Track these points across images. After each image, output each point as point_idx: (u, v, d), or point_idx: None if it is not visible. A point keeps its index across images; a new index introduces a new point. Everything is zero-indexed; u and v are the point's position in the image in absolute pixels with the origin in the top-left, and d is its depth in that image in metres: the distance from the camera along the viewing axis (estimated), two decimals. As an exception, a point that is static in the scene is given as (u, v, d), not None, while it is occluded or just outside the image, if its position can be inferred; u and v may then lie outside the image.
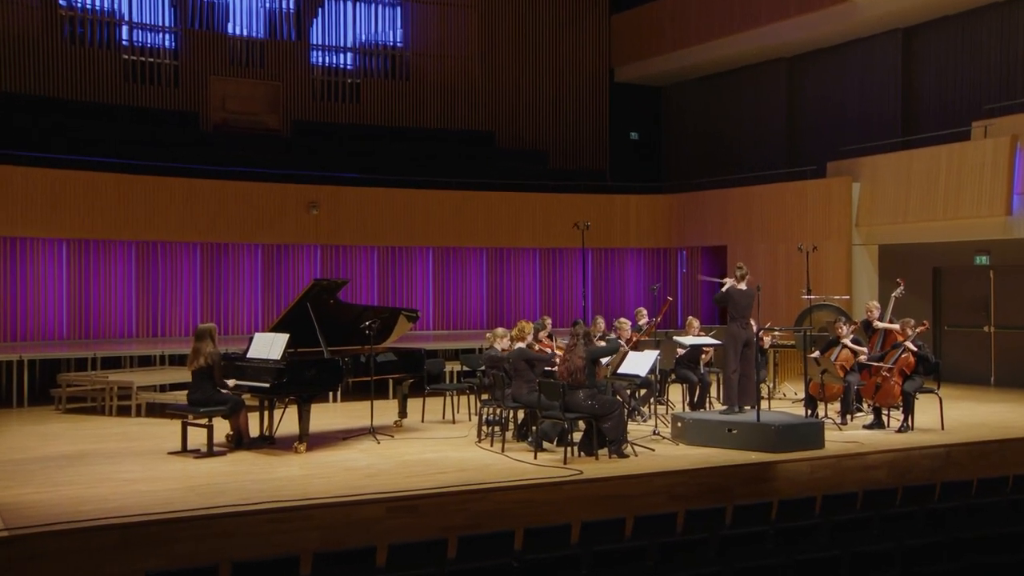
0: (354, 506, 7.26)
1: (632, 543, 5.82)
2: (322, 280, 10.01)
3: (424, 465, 8.78)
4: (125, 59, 19.44)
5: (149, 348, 14.92)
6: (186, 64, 19.95)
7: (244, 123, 20.47)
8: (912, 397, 10.52)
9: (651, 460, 8.98)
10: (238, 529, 6.80)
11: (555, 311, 19.93)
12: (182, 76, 19.91)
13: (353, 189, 18.52)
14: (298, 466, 8.72)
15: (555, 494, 7.91)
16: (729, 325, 10.28)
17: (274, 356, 9.34)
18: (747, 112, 21.26)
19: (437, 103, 22.17)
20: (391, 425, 11.01)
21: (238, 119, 20.42)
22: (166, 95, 19.76)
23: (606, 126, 23.32)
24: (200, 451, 9.14)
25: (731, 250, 18.83)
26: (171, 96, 19.80)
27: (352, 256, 18.92)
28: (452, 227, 19.15)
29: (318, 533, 6.97)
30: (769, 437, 9.27)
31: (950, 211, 15.17)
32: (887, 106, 18.31)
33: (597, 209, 19.84)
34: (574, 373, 9.00)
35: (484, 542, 5.80)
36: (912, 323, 10.80)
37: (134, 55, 19.55)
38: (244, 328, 17.61)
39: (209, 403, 9.18)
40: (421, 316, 16.36)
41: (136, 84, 19.46)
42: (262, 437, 9.81)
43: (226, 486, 7.80)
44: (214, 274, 17.68)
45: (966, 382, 14.96)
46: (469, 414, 11.84)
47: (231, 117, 20.38)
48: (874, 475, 9.22)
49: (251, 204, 17.54)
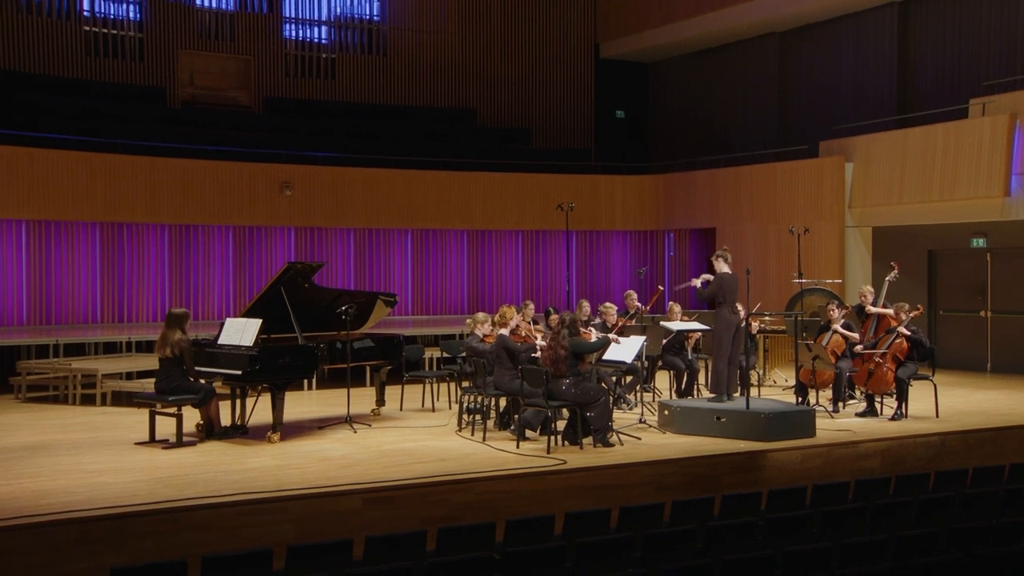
0: (330, 498, 7.25)
1: (617, 535, 5.84)
2: (296, 263, 9.97)
3: (403, 455, 8.78)
4: (86, 31, 19.22)
5: (114, 334, 14.82)
6: (152, 37, 19.75)
7: (213, 100, 20.31)
8: (906, 384, 10.59)
9: (637, 449, 9.01)
10: (208, 522, 6.78)
11: (538, 295, 19.93)
12: (147, 49, 19.71)
13: (328, 169, 18.43)
14: (271, 456, 8.70)
15: (538, 484, 7.93)
16: (720, 311, 10.20)
17: (246, 342, 9.31)
18: (737, 89, 21.27)
19: (415, 79, 22.06)
20: (368, 414, 11.00)
21: (207, 95, 20.26)
22: (130, 70, 19.57)
23: (591, 104, 23.28)
24: (169, 441, 9.11)
25: (720, 232, 18.87)
26: (136, 71, 19.61)
27: (327, 238, 18.84)
28: (431, 208, 19.10)
29: (292, 526, 6.97)
30: (759, 425, 9.31)
31: (946, 192, 15.25)
32: (882, 83, 18.36)
33: (582, 190, 19.83)
34: (557, 362, 9.00)
35: (465, 534, 5.81)
36: (906, 307, 10.86)
37: (96, 26, 19.32)
38: (215, 314, 17.53)
39: (178, 391, 9.14)
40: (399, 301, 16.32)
41: (99, 58, 19.26)
42: (234, 427, 9.78)
43: (196, 478, 7.77)
44: (183, 257, 17.58)
45: (962, 368, 15.08)
46: (449, 402, 11.84)
47: (200, 93, 20.21)
48: (866, 464, 9.29)
49: (221, 184, 17.42)
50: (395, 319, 18.04)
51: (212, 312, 17.66)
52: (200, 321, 16.77)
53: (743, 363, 11.06)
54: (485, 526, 5.85)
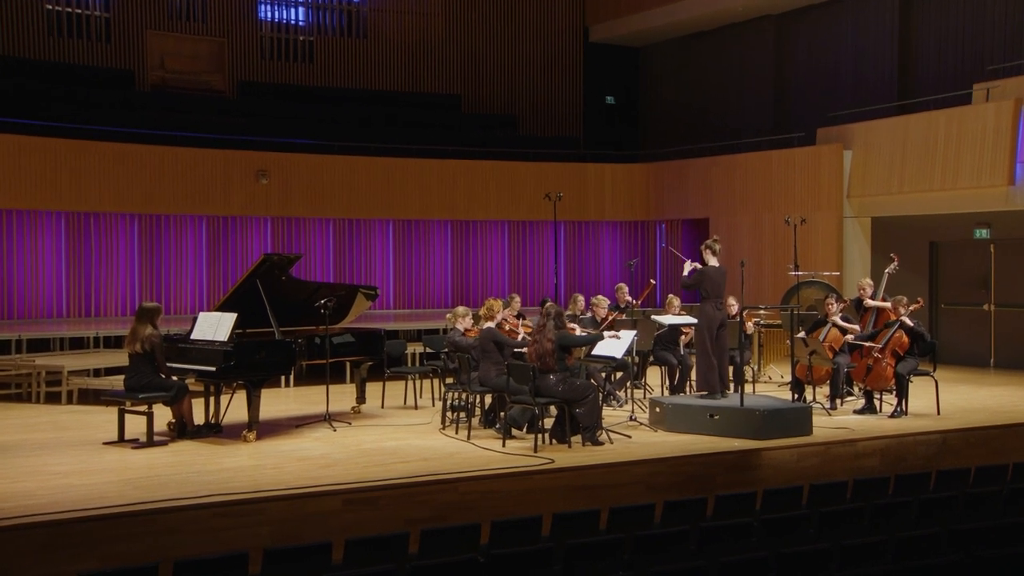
0: (308, 499, 7.24)
1: (607, 536, 5.85)
2: (273, 255, 9.95)
3: (384, 454, 8.77)
4: (49, 9, 19.08)
5: (81, 329, 14.76)
6: (119, 17, 19.63)
7: (185, 83, 20.21)
8: (906, 380, 10.64)
9: (628, 448, 9.02)
10: (181, 525, 6.76)
11: (525, 288, 19.95)
12: (114, 30, 19.60)
13: (306, 156, 18.39)
14: (247, 456, 8.69)
15: (525, 484, 7.94)
16: (703, 305, 10.25)
17: (220, 337, 9.29)
18: (732, 74, 21.30)
19: (397, 64, 22.02)
20: (348, 411, 10.99)
21: (178, 79, 20.16)
22: (97, 51, 19.44)
23: (580, 89, 23.28)
24: (139, 441, 9.08)
25: (713, 223, 18.91)
26: (103, 52, 19.49)
27: (305, 229, 18.80)
28: (414, 198, 19.07)
29: (269, 528, 6.96)
30: (753, 423, 9.34)
31: (948, 181, 15.31)
32: (882, 68, 18.42)
33: (570, 179, 19.84)
34: (543, 357, 9.00)
35: (449, 536, 5.81)
36: (906, 301, 10.90)
37: (59, 5, 19.18)
38: (187, 308, 17.48)
39: (149, 388, 9.11)
40: (381, 294, 16.36)
41: (63, 38, 19.13)
42: (207, 425, 9.75)
43: (168, 478, 7.75)
44: (153, 249, 17.51)
45: (964, 364, 15.14)
46: (432, 399, 11.84)
47: (170, 77, 20.11)
48: (865, 463, 9.33)
49: (194, 173, 17.35)
50: (376, 313, 18.03)
51: (184, 306, 17.61)
52: (172, 315, 16.73)
53: (736, 359, 11.11)
54: (470, 527, 5.85)
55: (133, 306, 15.77)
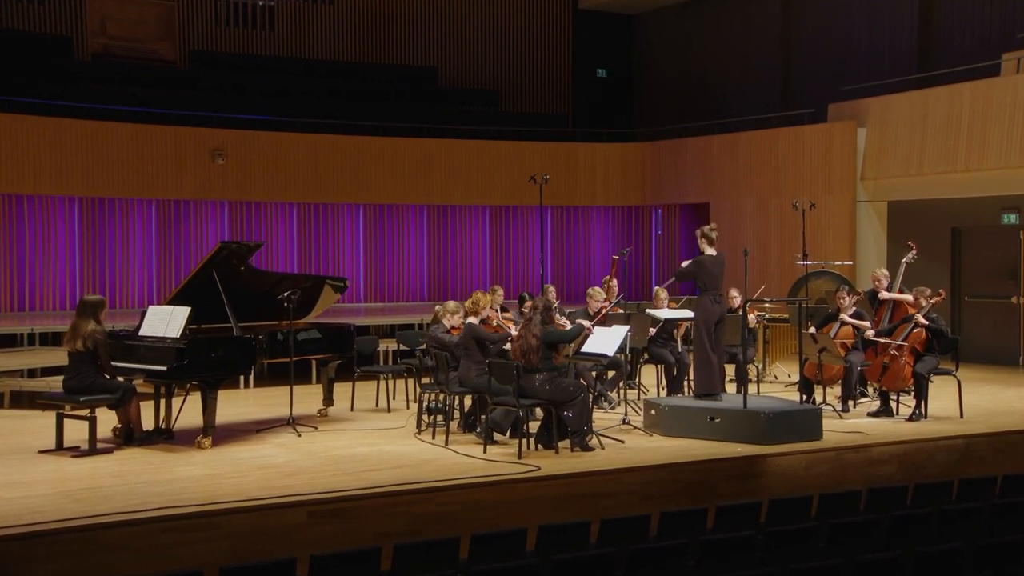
0: (270, 511, 7.24)
1: (598, 550, 5.86)
2: (231, 243, 9.93)
3: (354, 461, 8.78)
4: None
5: (14, 325, 14.70)
6: (57, -22, 19.49)
7: (130, 52, 20.07)
8: (925, 379, 10.68)
9: (620, 454, 9.04)
10: (128, 542, 6.73)
11: (508, 280, 19.97)
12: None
13: (266, 134, 18.34)
14: (202, 465, 8.66)
15: (508, 494, 7.96)
16: (701, 298, 10.26)
17: (172, 334, 9.26)
18: (734, 45, 21.32)
19: (367, 33, 21.96)
20: (314, 415, 10.98)
21: (122, 47, 20.01)
22: (29, 14, 19.24)
23: (568, 62, 23.28)
24: (80, 449, 9.02)
25: (714, 207, 18.96)
26: (36, 16, 19.30)
27: (266, 214, 18.76)
28: (386, 180, 19.05)
29: (226, 543, 6.94)
30: (758, 426, 9.37)
31: (973, 161, 15.37)
32: (900, 36, 18.44)
33: (557, 160, 19.84)
34: (527, 354, 9.01)
35: (424, 551, 5.82)
36: (927, 293, 10.93)
37: (-15, -37, 19.03)
38: (135, 301, 17.45)
39: (92, 390, 9.06)
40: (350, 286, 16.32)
41: (-9, 1, 18.98)
42: (157, 431, 9.72)
43: (112, 490, 7.71)
44: (96, 236, 17.43)
45: (989, 362, 15.18)
46: (407, 401, 11.84)
47: (113, 44, 19.96)
48: (881, 471, 9.38)
49: (141, 152, 17.27)
50: (345, 307, 18.00)
51: (131, 299, 17.57)
52: (117, 309, 16.67)
53: (739, 357, 11.14)
54: (448, 542, 5.85)
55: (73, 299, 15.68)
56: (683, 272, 10.38)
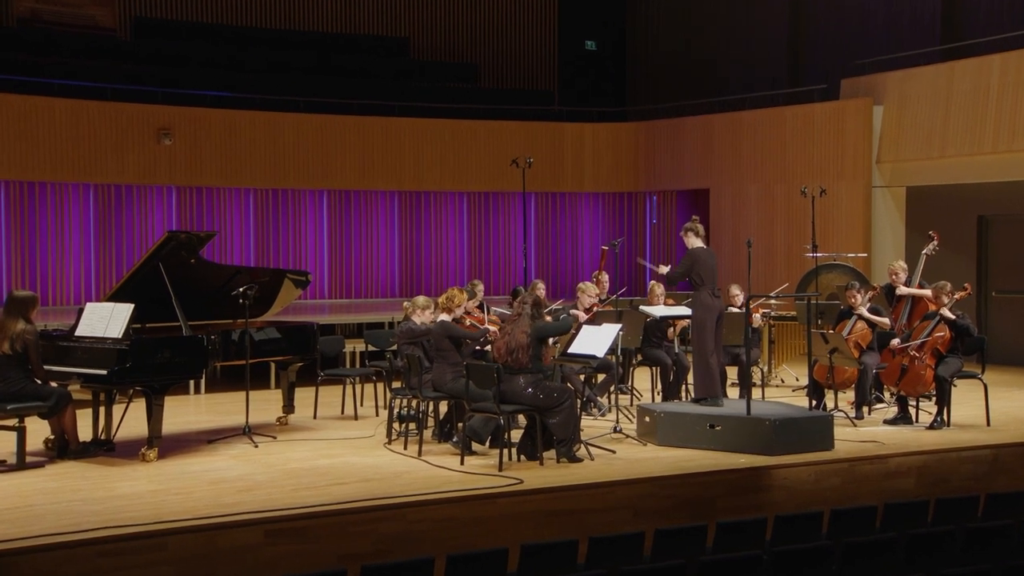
0: (222, 530, 7.22)
1: (586, 572, 5.87)
2: (179, 232, 9.89)
3: (316, 475, 8.77)
4: None
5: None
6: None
7: (62, 19, 19.95)
8: (948, 384, 10.72)
9: (611, 465, 9.06)
10: (60, 567, 6.69)
11: (488, 274, 19.98)
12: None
13: (219, 112, 18.30)
14: (146, 480, 8.64)
15: (487, 510, 7.96)
16: (698, 294, 10.30)
17: (113, 334, 9.22)
18: (738, 14, 21.34)
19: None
20: (273, 423, 10.99)
21: (53, 13, 19.91)
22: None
23: (554, 33, 23.28)
24: (6, 463, 8.98)
25: (715, 194, 19.00)
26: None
27: (219, 201, 18.70)
28: (353, 164, 19.03)
29: (173, 568, 6.93)
30: (763, 435, 9.39)
31: (1002, 142, 15.41)
32: (922, 3, 18.45)
33: (542, 141, 19.85)
34: (515, 352, 9.01)
35: (394, 573, 5.81)
36: (949, 288, 10.97)
37: None
38: (70, 297, 17.42)
39: (21, 397, 9.01)
40: (313, 280, 16.30)
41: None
42: (96, 442, 9.68)
43: (44, 509, 7.68)
44: (27, 224, 17.35)
45: (1020, 364, 15.26)
46: (376, 407, 11.85)
47: (43, 10, 19.86)
48: (899, 484, 9.42)
49: (77, 130, 17.20)
50: (307, 303, 17.98)
51: (67, 296, 17.53)
52: (51, 307, 16.68)
53: (742, 359, 11.16)
54: (420, 563, 5.85)
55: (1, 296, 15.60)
56: (679, 272, 10.37)
